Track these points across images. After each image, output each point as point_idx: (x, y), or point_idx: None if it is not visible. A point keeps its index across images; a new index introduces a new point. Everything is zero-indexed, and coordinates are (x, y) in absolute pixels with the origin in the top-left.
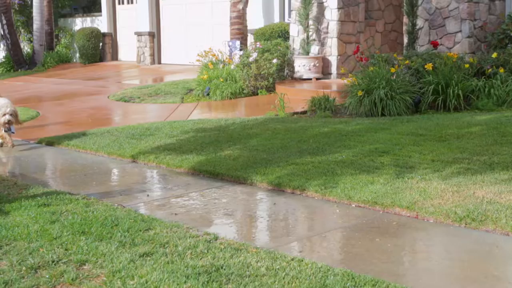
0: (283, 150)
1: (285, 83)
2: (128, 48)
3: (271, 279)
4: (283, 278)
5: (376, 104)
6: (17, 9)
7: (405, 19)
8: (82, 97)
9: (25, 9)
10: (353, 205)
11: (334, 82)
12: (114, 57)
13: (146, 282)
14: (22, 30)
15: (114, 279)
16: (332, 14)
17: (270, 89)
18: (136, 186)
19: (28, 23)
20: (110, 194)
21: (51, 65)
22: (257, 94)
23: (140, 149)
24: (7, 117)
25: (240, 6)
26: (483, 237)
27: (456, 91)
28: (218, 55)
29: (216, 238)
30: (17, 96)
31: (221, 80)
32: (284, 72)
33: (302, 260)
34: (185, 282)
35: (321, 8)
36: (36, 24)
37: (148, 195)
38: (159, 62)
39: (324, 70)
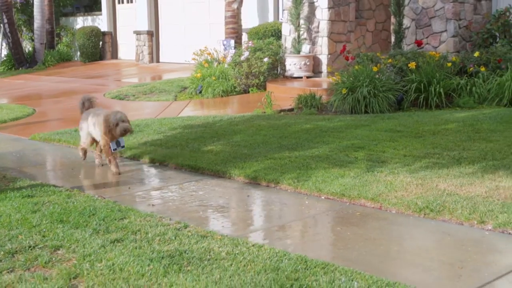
0: (264, 145)
1: (276, 81)
2: (128, 47)
3: (229, 262)
4: (240, 262)
5: (359, 102)
6: (19, 8)
7: (393, 19)
8: (79, 95)
9: (27, 8)
10: (323, 197)
11: (324, 81)
12: (114, 55)
13: (113, 265)
14: (24, 29)
15: (84, 262)
16: (322, 14)
17: (261, 87)
18: (119, 179)
19: (29, 22)
20: (94, 186)
21: (52, 64)
22: (248, 92)
23: (128, 145)
24: (123, 125)
25: (235, 6)
26: (438, 226)
27: (437, 89)
28: (213, 53)
29: (186, 227)
30: (16, 94)
31: (214, 78)
32: (277, 71)
33: (262, 246)
34: (148, 264)
35: (312, 7)
36: (37, 23)
37: (129, 188)
38: (158, 61)
39: (315, 68)
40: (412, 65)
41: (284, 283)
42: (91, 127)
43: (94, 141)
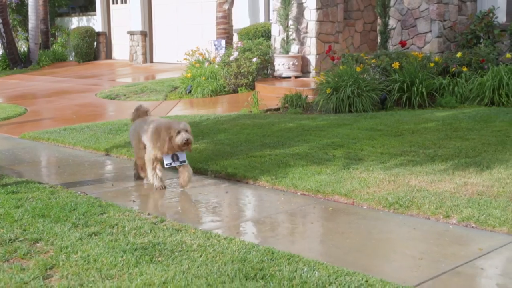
0: (246, 143)
1: (265, 81)
2: (122, 47)
3: (198, 253)
4: (210, 253)
5: (343, 101)
6: (14, 8)
7: (379, 20)
8: (71, 95)
9: (22, 8)
10: (299, 193)
11: (312, 81)
12: (108, 55)
13: (88, 256)
14: (19, 29)
15: (61, 253)
16: (311, 15)
17: (250, 87)
18: (104, 176)
19: (25, 22)
20: (78, 183)
21: (46, 64)
22: (237, 92)
23: (115, 143)
24: (184, 135)
25: (226, 7)
26: (405, 221)
27: (420, 89)
28: (205, 54)
29: (162, 221)
30: (9, 94)
31: (204, 78)
32: (267, 71)
33: (233, 239)
34: (121, 256)
35: (301, 8)
36: (31, 23)
37: (112, 185)
38: (151, 61)
39: (303, 68)
40: (396, 65)
41: (248, 272)
42: (145, 136)
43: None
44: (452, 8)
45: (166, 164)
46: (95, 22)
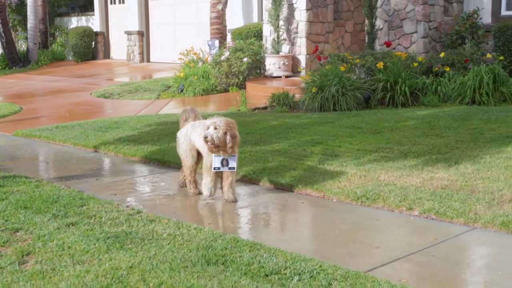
0: None
1: (255, 80)
2: (120, 47)
3: (167, 241)
4: (178, 241)
5: (328, 100)
6: (14, 8)
7: (366, 20)
8: (67, 94)
9: (22, 9)
10: (274, 188)
11: (302, 80)
12: (106, 55)
13: (63, 243)
14: (19, 29)
15: (38, 241)
16: (301, 15)
17: (241, 86)
18: (90, 172)
19: (24, 22)
20: (64, 178)
21: (45, 63)
22: (228, 91)
23: (103, 140)
24: (210, 131)
25: (219, 7)
26: (370, 213)
27: (403, 88)
28: (199, 53)
29: (138, 212)
30: (6, 93)
31: (196, 78)
32: (259, 70)
33: (202, 229)
34: (94, 243)
35: (291, 9)
36: (30, 23)
37: (97, 179)
38: (148, 60)
39: (294, 68)
40: (380, 65)
41: (211, 258)
42: (198, 140)
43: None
44: (437, 9)
45: (214, 168)
46: (94, 22)
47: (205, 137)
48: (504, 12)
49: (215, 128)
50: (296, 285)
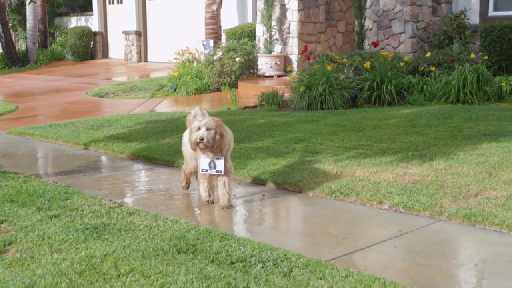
0: None
1: (248, 80)
2: (118, 47)
3: (142, 232)
4: (153, 232)
5: (315, 99)
6: (14, 8)
7: (356, 21)
8: (64, 93)
9: (22, 9)
10: (254, 183)
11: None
12: (105, 55)
13: (43, 234)
14: (19, 29)
15: (20, 232)
16: (293, 16)
17: (233, 85)
18: (78, 168)
19: (24, 22)
20: (53, 174)
21: (44, 63)
22: (221, 90)
23: (94, 138)
24: (202, 132)
25: (214, 7)
26: (342, 206)
27: (389, 87)
28: (194, 53)
29: (120, 206)
30: (4, 92)
31: (189, 77)
32: (253, 70)
33: (178, 221)
34: (73, 234)
35: (284, 9)
36: (29, 23)
37: (84, 175)
38: (146, 60)
39: (286, 68)
40: (367, 64)
41: (182, 247)
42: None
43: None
44: (425, 10)
45: (202, 170)
46: (93, 22)
47: (201, 139)
48: (491, 12)
49: (208, 129)
50: (258, 272)
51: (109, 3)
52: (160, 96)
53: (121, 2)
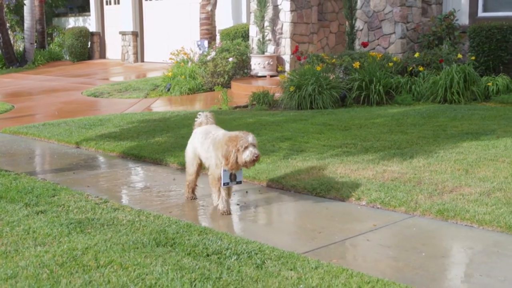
0: None
1: (241, 80)
2: (115, 47)
3: (125, 226)
4: (135, 226)
5: (305, 98)
6: (12, 9)
7: (347, 22)
8: (59, 93)
9: (20, 9)
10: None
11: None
12: (102, 55)
13: (29, 228)
14: (17, 29)
15: (6, 227)
16: (285, 16)
17: (226, 85)
18: (68, 166)
19: (22, 23)
20: (43, 172)
21: (41, 63)
22: (214, 90)
23: (86, 137)
24: (254, 150)
25: (209, 8)
26: (322, 202)
27: (377, 87)
28: (189, 53)
29: (106, 202)
30: (1, 92)
31: (183, 77)
32: (245, 70)
33: (160, 216)
34: (57, 228)
35: (276, 10)
36: (27, 23)
37: (74, 173)
38: (142, 60)
39: (278, 68)
40: (356, 64)
41: (161, 241)
42: (201, 149)
43: (200, 168)
44: (415, 11)
45: (224, 184)
46: (91, 23)
47: (257, 157)
48: (481, 13)
49: (255, 146)
50: (232, 263)
51: (106, 4)
52: (154, 96)
53: (118, 3)
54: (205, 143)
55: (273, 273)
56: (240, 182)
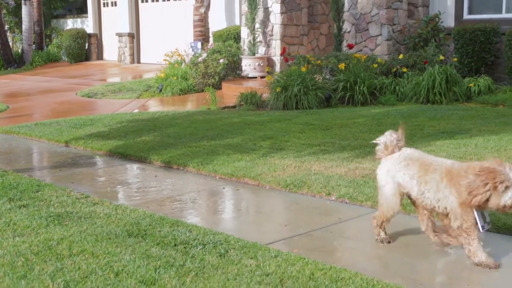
0: (190, 136)
1: (232, 81)
2: (112, 48)
3: (101, 219)
4: (111, 219)
5: (291, 99)
6: (10, 10)
7: (334, 24)
8: (55, 93)
9: (19, 11)
10: (217, 177)
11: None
12: (99, 56)
13: (10, 221)
14: (16, 31)
15: None
16: (276, 18)
17: (217, 86)
18: (55, 163)
19: (20, 24)
20: (31, 169)
21: (39, 64)
22: (204, 91)
23: (75, 136)
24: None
25: (202, 10)
26: (294, 198)
27: (362, 88)
28: (184, 55)
29: (86, 197)
30: None
31: (175, 78)
32: (237, 71)
33: (137, 210)
34: (36, 220)
35: (267, 12)
36: (25, 25)
37: (60, 170)
38: (139, 62)
39: (266, 69)
40: (342, 66)
41: (133, 232)
42: (412, 182)
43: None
44: (401, 13)
45: (483, 227)
46: (88, 24)
47: None
48: (466, 16)
49: None
50: (197, 252)
51: (104, 6)
52: (147, 96)
53: (115, 5)
54: (440, 172)
55: (234, 261)
56: (490, 223)
